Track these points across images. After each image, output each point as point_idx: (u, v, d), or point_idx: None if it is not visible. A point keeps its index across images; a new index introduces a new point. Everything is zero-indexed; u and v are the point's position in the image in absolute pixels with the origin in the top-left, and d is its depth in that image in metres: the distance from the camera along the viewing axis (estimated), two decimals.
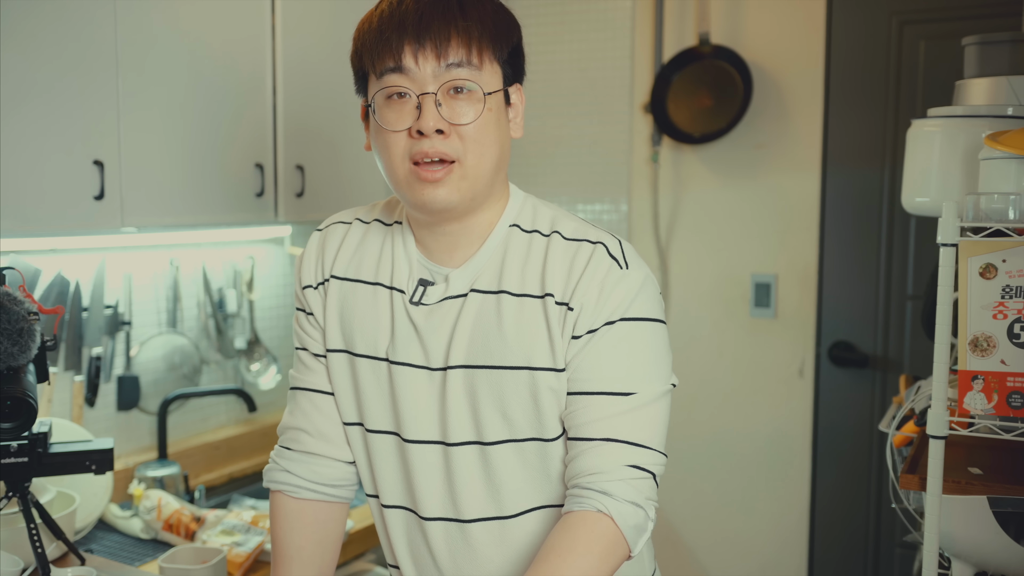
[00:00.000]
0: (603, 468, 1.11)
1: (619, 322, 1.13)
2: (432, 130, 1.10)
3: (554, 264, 1.15)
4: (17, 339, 1.42)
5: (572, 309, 1.13)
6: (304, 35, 2.31)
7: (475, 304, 1.17)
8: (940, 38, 2.54)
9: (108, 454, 1.62)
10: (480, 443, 1.17)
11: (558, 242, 1.17)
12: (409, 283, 1.21)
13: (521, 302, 1.15)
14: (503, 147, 1.17)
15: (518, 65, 1.20)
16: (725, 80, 2.75)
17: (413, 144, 1.12)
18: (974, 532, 1.40)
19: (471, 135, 1.12)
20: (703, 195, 2.86)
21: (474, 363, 1.16)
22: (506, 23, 1.16)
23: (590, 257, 1.15)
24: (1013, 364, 1.33)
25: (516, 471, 1.17)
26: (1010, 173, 1.37)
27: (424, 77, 1.10)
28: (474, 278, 1.18)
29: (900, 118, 2.60)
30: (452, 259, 1.20)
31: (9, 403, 1.45)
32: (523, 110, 1.21)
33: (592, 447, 1.12)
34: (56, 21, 1.77)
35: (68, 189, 1.82)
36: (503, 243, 1.19)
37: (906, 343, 2.65)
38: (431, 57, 1.10)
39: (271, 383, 2.63)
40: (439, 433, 1.19)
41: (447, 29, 1.10)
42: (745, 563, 2.88)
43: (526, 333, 1.14)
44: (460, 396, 1.17)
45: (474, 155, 1.13)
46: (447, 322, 1.17)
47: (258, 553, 1.90)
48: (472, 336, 1.16)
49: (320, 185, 2.39)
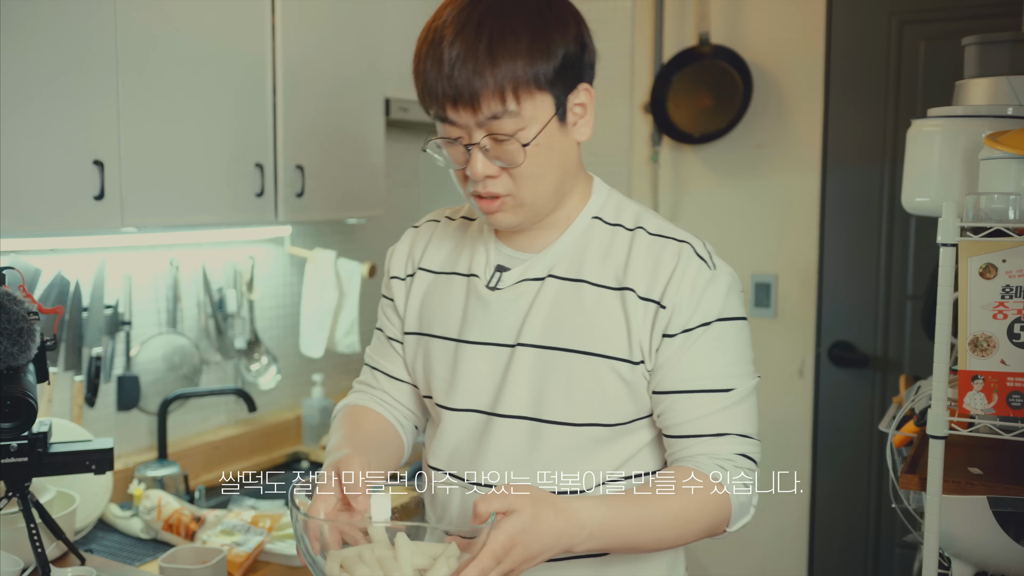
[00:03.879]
0: (719, 455, 1.17)
1: (715, 323, 1.17)
2: (481, 177, 1.14)
3: (638, 259, 1.18)
4: (17, 339, 1.42)
5: (664, 307, 1.16)
6: (304, 35, 2.31)
7: (552, 289, 1.21)
8: (940, 38, 2.54)
9: (108, 454, 1.62)
10: (534, 419, 1.20)
11: (643, 237, 1.20)
12: (486, 269, 1.26)
13: (600, 292, 1.19)
14: (563, 165, 1.18)
15: (575, 69, 1.15)
16: (725, 80, 2.75)
17: (471, 182, 1.17)
18: (974, 532, 1.40)
19: (521, 173, 1.14)
20: (703, 195, 2.86)
21: (548, 344, 1.19)
22: (545, 43, 1.11)
23: (678, 256, 1.18)
24: (1013, 364, 1.33)
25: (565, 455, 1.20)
26: (1010, 173, 1.37)
27: (468, 127, 1.13)
28: (552, 264, 1.22)
29: (900, 118, 2.60)
30: (533, 245, 1.25)
31: (9, 403, 1.45)
32: (593, 106, 1.18)
33: (705, 441, 1.17)
34: (56, 21, 1.77)
35: (68, 189, 1.82)
36: (584, 234, 1.23)
37: (906, 343, 2.64)
38: (467, 112, 1.11)
39: (271, 383, 2.63)
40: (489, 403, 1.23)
41: (475, 86, 1.09)
42: (745, 563, 2.88)
43: (605, 323, 1.18)
44: (525, 372, 1.20)
45: (527, 189, 1.16)
46: (521, 303, 1.22)
47: (258, 553, 1.90)
48: (548, 318, 1.20)
49: (320, 185, 2.39)
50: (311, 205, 2.37)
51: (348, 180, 2.49)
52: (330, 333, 2.68)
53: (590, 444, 1.20)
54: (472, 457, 1.25)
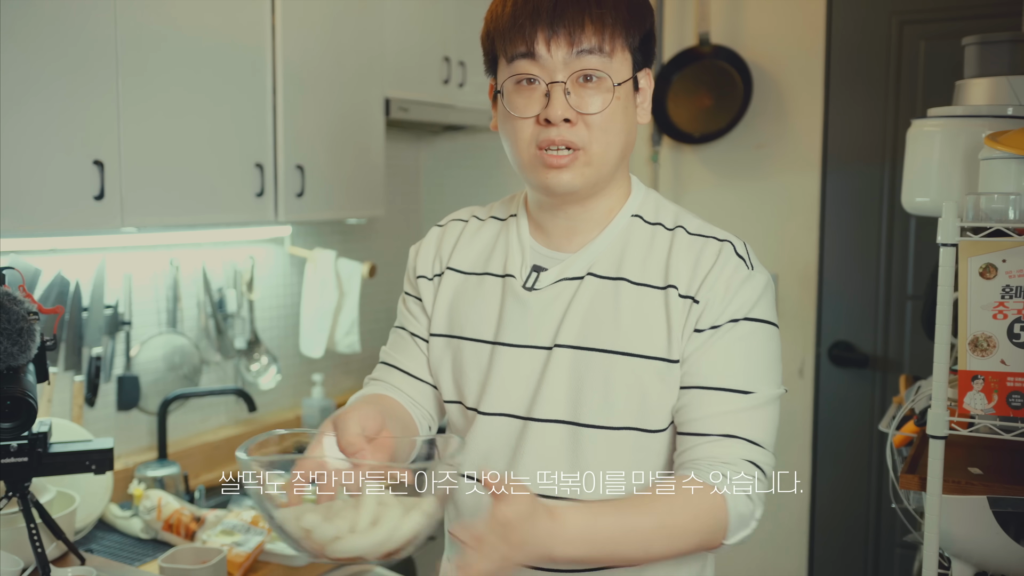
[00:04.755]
0: (723, 458, 1.11)
1: (743, 321, 1.15)
2: (560, 119, 1.12)
3: (679, 257, 1.17)
4: (17, 339, 1.42)
5: (698, 302, 1.14)
6: (304, 35, 2.31)
7: (591, 288, 1.18)
8: (940, 38, 2.54)
9: (108, 454, 1.62)
10: (572, 423, 1.17)
11: (683, 236, 1.19)
12: (522, 269, 1.23)
13: (641, 291, 1.17)
14: (629, 134, 1.18)
15: (648, 51, 1.19)
16: (725, 80, 2.75)
17: (540, 131, 1.13)
18: (974, 532, 1.40)
19: (598, 124, 1.13)
20: (703, 195, 2.86)
21: (585, 345, 1.16)
22: (640, 9, 1.16)
23: (718, 254, 1.17)
24: (1013, 364, 1.33)
25: (604, 458, 1.16)
26: (1010, 173, 1.37)
27: (555, 65, 1.12)
28: (592, 263, 1.20)
29: (900, 118, 2.60)
30: (570, 244, 1.22)
31: (9, 403, 1.45)
32: (651, 95, 1.21)
33: (711, 441, 1.12)
34: (56, 21, 1.77)
35: (68, 189, 1.82)
36: (624, 232, 1.21)
37: (906, 343, 2.64)
38: (563, 44, 1.11)
39: (271, 383, 2.63)
40: (525, 408, 1.19)
41: (581, 16, 1.10)
42: (745, 563, 2.88)
43: (644, 322, 1.15)
44: (562, 375, 1.17)
45: (600, 144, 1.14)
46: (559, 303, 1.19)
47: (258, 553, 1.90)
48: (586, 318, 1.17)
49: (320, 185, 2.39)
50: (311, 205, 2.37)
51: (348, 180, 2.49)
52: (330, 333, 2.68)
53: (629, 449, 1.17)
54: (507, 463, 1.20)
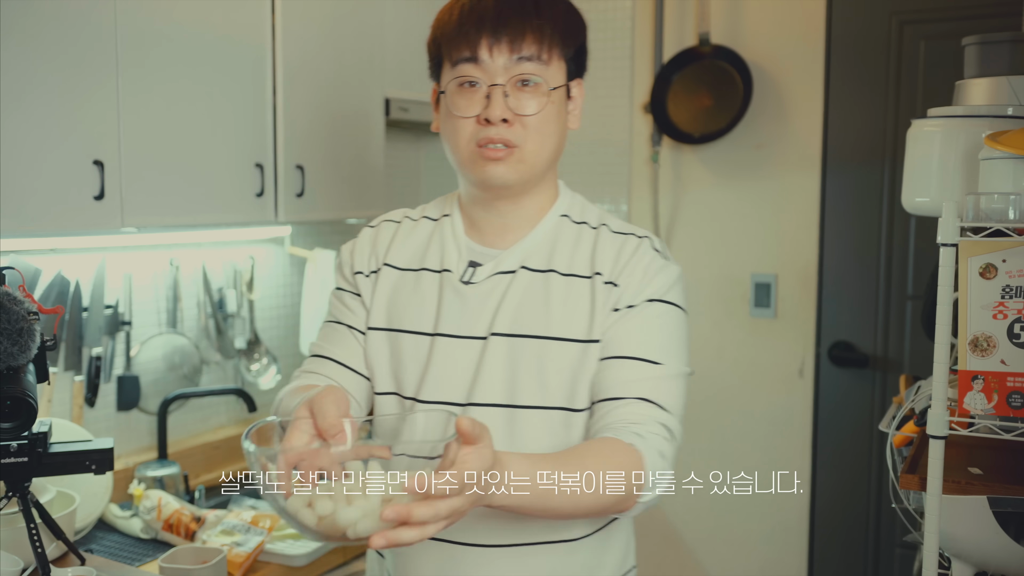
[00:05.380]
0: (638, 420, 1.19)
1: (658, 302, 1.26)
2: (499, 119, 1.22)
3: (603, 250, 1.29)
4: (17, 339, 1.42)
5: (617, 286, 1.26)
6: (304, 35, 2.31)
7: (524, 280, 1.28)
8: (940, 38, 2.54)
9: (108, 454, 1.62)
10: (510, 406, 1.24)
11: (606, 233, 1.31)
12: (459, 265, 1.31)
13: (569, 281, 1.27)
14: (561, 137, 1.29)
15: (581, 62, 1.31)
16: (725, 80, 2.75)
17: (480, 130, 1.23)
18: (974, 532, 1.39)
19: (533, 125, 1.24)
20: (703, 195, 2.86)
21: (518, 332, 1.25)
22: (575, 23, 1.28)
23: (637, 247, 1.28)
24: (1013, 364, 1.33)
25: (541, 437, 1.25)
26: (1010, 173, 1.36)
27: (495, 69, 1.22)
28: (524, 257, 1.30)
29: (900, 118, 2.60)
30: (503, 241, 1.32)
31: (9, 403, 1.44)
32: (582, 103, 1.32)
33: (625, 404, 1.21)
34: (56, 20, 1.77)
35: (68, 189, 1.82)
36: (554, 230, 1.32)
37: (906, 343, 2.64)
38: (505, 50, 1.21)
39: (271, 383, 2.63)
40: (464, 395, 1.26)
41: (523, 26, 1.21)
42: (745, 563, 2.88)
43: (572, 308, 1.26)
44: (498, 361, 1.25)
45: (534, 143, 1.24)
46: (495, 295, 1.28)
47: (258, 553, 1.90)
48: (519, 308, 1.26)
49: (320, 185, 2.39)
50: (311, 205, 2.37)
51: (348, 180, 2.49)
52: None
53: (560, 427, 1.25)
54: None
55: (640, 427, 1.18)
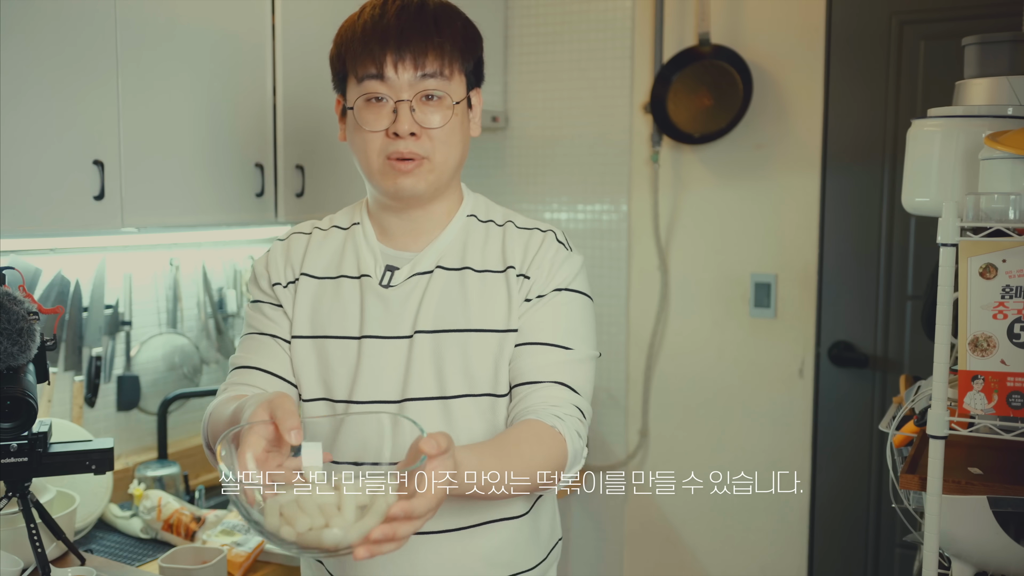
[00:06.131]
0: (554, 403, 1.28)
1: (564, 291, 1.35)
2: (406, 133, 1.27)
3: (512, 244, 1.37)
4: (17, 339, 1.42)
5: (528, 278, 1.34)
6: (304, 34, 2.31)
7: (441, 279, 1.34)
8: (940, 38, 2.54)
9: (108, 454, 1.62)
10: (442, 398, 1.31)
11: (512, 229, 1.39)
12: (376, 269, 1.37)
13: (483, 276, 1.35)
14: (465, 145, 1.36)
15: (479, 73, 1.39)
16: (725, 80, 2.75)
17: (389, 143, 1.29)
18: (974, 532, 1.40)
19: (439, 137, 1.30)
20: (703, 195, 2.86)
21: (441, 327, 1.31)
22: (473, 38, 1.35)
23: (542, 240, 1.37)
24: (1013, 364, 1.33)
25: (474, 423, 1.32)
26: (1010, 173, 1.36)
27: (401, 85, 1.27)
28: (438, 258, 1.36)
29: (900, 118, 2.59)
30: (416, 244, 1.38)
31: (9, 403, 1.45)
32: (480, 111, 1.40)
33: (541, 387, 1.30)
34: (56, 20, 1.77)
35: (68, 189, 1.82)
36: (463, 230, 1.39)
37: (906, 343, 2.64)
38: (409, 67, 1.26)
39: None
40: (398, 392, 1.31)
41: (424, 44, 1.27)
42: (745, 563, 2.88)
43: (488, 301, 1.33)
44: (426, 357, 1.31)
45: (441, 154, 1.31)
46: (415, 295, 1.33)
47: (258, 553, 1.91)
48: (439, 305, 1.32)
49: (320, 185, 2.39)
50: (311, 205, 2.37)
51: (348, 180, 2.49)
52: None
53: (489, 413, 1.32)
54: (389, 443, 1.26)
55: (558, 409, 1.27)
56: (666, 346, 2.91)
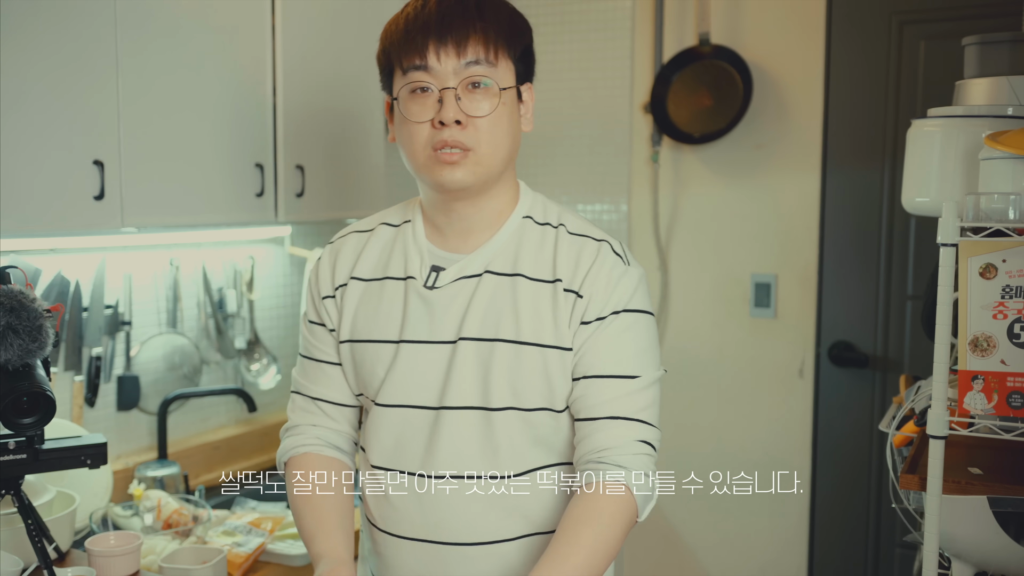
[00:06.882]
0: (616, 444, 1.24)
1: (624, 312, 1.27)
2: (452, 121, 1.22)
3: (562, 253, 1.29)
4: (36, 336, 1.43)
5: (582, 297, 1.26)
6: (304, 35, 2.31)
7: (490, 284, 1.28)
8: (940, 38, 2.54)
9: (102, 448, 1.62)
10: (485, 408, 1.26)
11: (564, 234, 1.31)
12: (421, 270, 1.31)
13: (536, 286, 1.27)
14: (515, 139, 1.29)
15: (529, 64, 1.32)
16: (725, 80, 2.75)
17: (435, 134, 1.24)
18: (974, 532, 1.40)
19: (486, 126, 1.24)
20: (703, 195, 2.86)
21: (488, 336, 1.26)
22: (519, 25, 1.30)
23: (597, 252, 1.28)
24: (1013, 364, 1.33)
25: (515, 435, 1.27)
26: (1010, 173, 1.36)
27: (445, 73, 1.23)
28: (489, 261, 1.30)
29: (900, 118, 2.59)
30: (466, 245, 1.32)
31: (26, 399, 1.45)
32: (533, 107, 1.33)
33: (604, 425, 1.25)
34: (56, 21, 1.77)
35: (68, 189, 1.82)
36: (517, 232, 1.32)
37: (906, 343, 2.64)
38: (452, 55, 1.22)
39: (271, 383, 2.63)
40: (435, 399, 1.28)
41: (466, 29, 1.23)
42: (745, 563, 2.88)
43: (539, 314, 1.26)
44: (469, 365, 1.26)
45: (488, 144, 1.25)
46: (460, 299, 1.28)
47: (258, 553, 1.90)
48: (487, 312, 1.27)
49: (320, 185, 2.39)
50: (311, 205, 2.37)
51: (348, 180, 2.49)
52: None
53: (540, 429, 1.28)
54: (424, 452, 1.28)
55: (623, 455, 1.23)
56: (666, 346, 2.91)
